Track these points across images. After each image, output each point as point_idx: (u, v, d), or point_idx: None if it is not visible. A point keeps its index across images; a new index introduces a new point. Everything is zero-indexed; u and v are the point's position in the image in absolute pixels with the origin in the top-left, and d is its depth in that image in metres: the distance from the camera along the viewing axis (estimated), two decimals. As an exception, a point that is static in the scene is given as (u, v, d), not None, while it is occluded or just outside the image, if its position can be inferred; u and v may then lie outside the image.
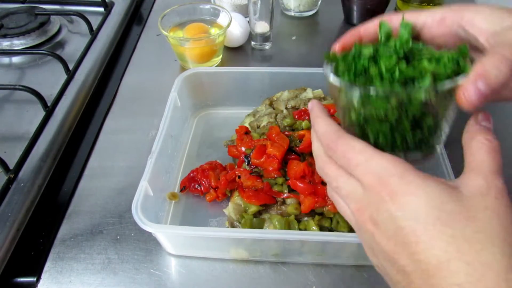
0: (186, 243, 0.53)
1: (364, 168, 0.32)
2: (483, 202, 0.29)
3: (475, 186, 0.31)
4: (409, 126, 0.33)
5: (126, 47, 0.92)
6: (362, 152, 0.33)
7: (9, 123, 0.72)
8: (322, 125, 0.37)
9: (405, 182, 0.31)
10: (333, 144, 0.35)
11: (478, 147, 0.33)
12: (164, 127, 0.60)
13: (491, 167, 0.31)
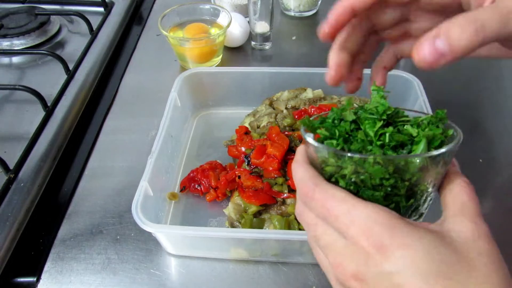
0: (186, 243, 0.53)
1: (346, 218, 0.29)
2: (477, 248, 0.28)
3: (465, 230, 0.29)
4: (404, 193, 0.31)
5: (126, 47, 0.92)
6: (344, 201, 0.30)
7: (9, 123, 0.72)
8: (299, 170, 0.33)
9: (396, 234, 0.28)
10: (311, 191, 0.31)
11: (459, 190, 0.32)
12: (164, 127, 0.60)
13: (476, 210, 0.30)
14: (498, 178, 0.63)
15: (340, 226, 0.29)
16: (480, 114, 0.74)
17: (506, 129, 0.71)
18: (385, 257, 0.27)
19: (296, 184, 0.34)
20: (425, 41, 0.29)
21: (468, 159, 0.65)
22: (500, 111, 0.75)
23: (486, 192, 0.61)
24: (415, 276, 0.26)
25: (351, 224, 0.29)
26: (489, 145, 0.68)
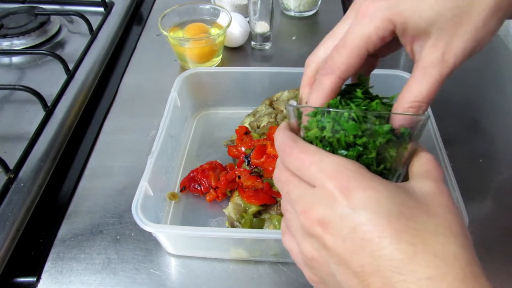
0: (186, 243, 0.53)
1: (317, 167, 0.30)
2: (438, 200, 0.30)
3: (428, 187, 0.31)
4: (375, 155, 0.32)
5: (126, 47, 0.92)
6: (316, 153, 0.31)
7: (9, 123, 0.72)
8: (280, 134, 0.35)
9: (361, 178, 0.29)
10: (289, 148, 0.33)
11: (425, 161, 0.33)
12: (164, 127, 0.60)
13: (440, 176, 0.32)
14: (498, 178, 0.63)
15: (311, 174, 0.31)
16: (480, 114, 0.74)
17: (506, 129, 0.71)
18: (349, 198, 0.28)
19: (277, 146, 0.35)
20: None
21: (468, 159, 0.65)
22: (500, 111, 0.75)
23: (486, 192, 0.61)
24: (377, 214, 0.27)
25: (321, 171, 0.30)
26: (489, 145, 0.68)
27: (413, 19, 0.31)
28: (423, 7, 0.31)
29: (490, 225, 0.57)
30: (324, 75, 0.35)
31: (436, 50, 0.32)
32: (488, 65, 0.85)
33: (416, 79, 0.33)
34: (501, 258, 0.53)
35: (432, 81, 0.32)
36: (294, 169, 0.32)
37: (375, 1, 0.32)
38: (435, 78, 0.32)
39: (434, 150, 0.55)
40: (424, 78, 0.32)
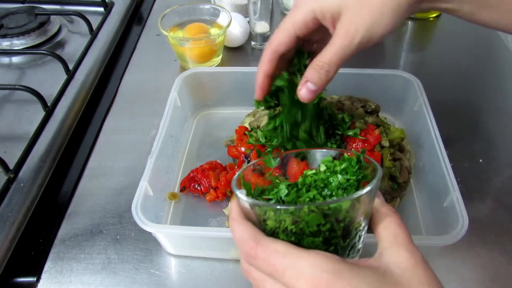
0: (186, 243, 0.53)
1: (293, 272, 0.30)
2: (417, 277, 0.30)
3: (402, 260, 0.31)
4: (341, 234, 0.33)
5: (126, 47, 0.92)
6: (287, 255, 0.30)
7: (9, 123, 0.72)
8: (238, 229, 0.34)
9: (342, 279, 0.29)
10: (253, 251, 0.32)
11: (388, 221, 0.34)
12: (164, 127, 0.60)
13: (407, 238, 0.32)
14: (498, 178, 0.63)
15: (287, 281, 0.30)
16: (480, 114, 0.74)
17: (506, 129, 0.71)
18: None
19: (237, 243, 0.34)
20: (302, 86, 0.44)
21: (468, 159, 0.65)
22: (500, 111, 0.75)
23: (486, 192, 0.61)
24: None
25: (299, 276, 0.29)
26: (489, 145, 0.68)
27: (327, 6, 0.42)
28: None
29: (490, 225, 0.57)
30: (264, 49, 0.47)
31: (342, 26, 0.41)
32: (488, 65, 0.85)
33: (325, 47, 0.42)
34: (501, 258, 0.53)
35: (335, 48, 0.42)
36: (265, 273, 0.32)
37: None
38: (338, 46, 0.42)
39: (434, 150, 0.55)
40: (330, 45, 0.42)
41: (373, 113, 0.62)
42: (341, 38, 0.41)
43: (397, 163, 0.58)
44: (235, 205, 0.35)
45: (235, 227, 0.34)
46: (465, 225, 0.46)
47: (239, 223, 0.34)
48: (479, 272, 0.52)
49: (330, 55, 0.42)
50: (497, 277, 0.52)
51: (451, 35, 0.92)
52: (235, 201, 0.36)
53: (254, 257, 0.32)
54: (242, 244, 0.33)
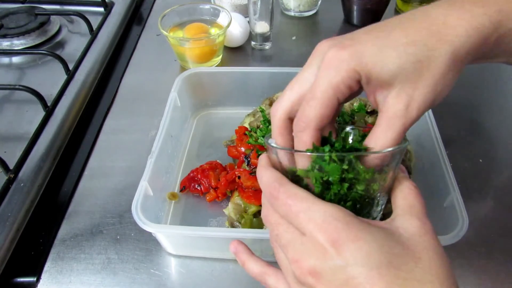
0: (186, 243, 0.53)
1: (306, 215, 0.31)
2: (423, 243, 0.31)
3: (413, 227, 0.32)
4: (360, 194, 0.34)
5: (126, 47, 0.92)
6: (304, 200, 0.32)
7: (9, 123, 0.72)
8: (265, 173, 0.35)
9: (350, 229, 0.30)
10: (275, 191, 0.33)
11: (407, 192, 0.34)
12: (164, 127, 0.60)
13: (422, 210, 0.33)
14: (498, 178, 0.63)
15: (299, 222, 0.31)
16: (480, 114, 0.74)
17: (506, 129, 0.71)
18: (339, 251, 0.29)
19: (262, 186, 0.35)
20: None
21: (468, 159, 0.65)
22: (500, 111, 0.75)
23: (486, 192, 0.61)
24: (368, 267, 0.28)
25: (309, 220, 0.31)
26: (489, 145, 0.68)
27: (376, 71, 0.32)
28: (386, 61, 0.32)
29: (490, 225, 0.57)
30: (301, 131, 0.35)
31: (399, 101, 0.33)
32: (488, 65, 0.85)
33: (381, 128, 0.33)
34: (501, 258, 0.53)
35: (396, 132, 0.33)
36: (282, 214, 0.33)
37: (339, 51, 0.33)
38: (399, 129, 0.33)
39: (434, 150, 0.55)
40: (389, 128, 0.33)
41: (373, 113, 0.62)
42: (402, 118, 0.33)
43: (397, 163, 0.58)
44: (264, 156, 0.37)
45: (263, 172, 0.35)
46: (465, 225, 0.46)
47: (267, 168, 0.35)
48: (479, 272, 0.52)
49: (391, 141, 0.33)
50: (497, 277, 0.52)
51: (451, 35, 0.92)
52: (264, 153, 0.37)
53: (276, 198, 0.33)
54: (267, 186, 0.34)
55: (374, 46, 0.32)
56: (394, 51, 0.32)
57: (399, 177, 0.36)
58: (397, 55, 0.32)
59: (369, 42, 0.33)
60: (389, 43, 0.32)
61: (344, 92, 0.33)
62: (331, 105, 0.33)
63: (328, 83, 0.33)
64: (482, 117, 0.73)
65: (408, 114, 0.33)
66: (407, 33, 0.32)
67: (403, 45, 0.32)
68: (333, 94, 0.33)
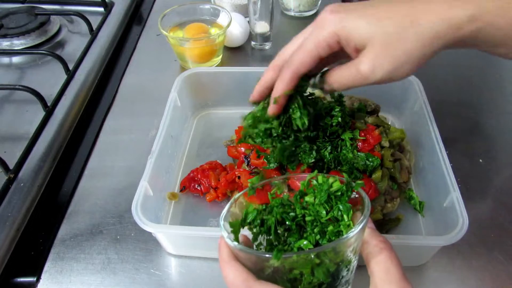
0: (186, 243, 0.53)
1: None
2: None
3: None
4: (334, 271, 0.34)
5: (126, 47, 0.92)
6: None
7: (9, 123, 0.72)
8: (230, 271, 0.35)
9: None
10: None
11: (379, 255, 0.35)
12: (164, 127, 0.60)
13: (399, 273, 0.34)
14: (498, 178, 0.63)
15: None
16: (480, 114, 0.74)
17: (506, 129, 0.71)
18: None
19: (228, 285, 0.35)
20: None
21: (468, 159, 0.65)
22: (500, 111, 0.75)
23: (486, 192, 0.61)
24: None
25: None
26: (489, 145, 0.68)
27: (352, 34, 0.40)
28: (362, 27, 0.39)
29: (490, 225, 0.57)
30: (286, 68, 0.44)
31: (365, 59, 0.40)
32: (488, 65, 0.85)
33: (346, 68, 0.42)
34: (501, 258, 0.53)
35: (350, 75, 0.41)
36: None
37: (329, 15, 0.41)
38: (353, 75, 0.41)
39: (434, 150, 0.55)
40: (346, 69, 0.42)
41: (373, 113, 0.62)
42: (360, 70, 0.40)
43: (397, 163, 0.58)
44: (224, 245, 0.36)
45: (227, 270, 0.35)
46: (465, 225, 0.46)
47: (230, 265, 0.35)
48: (479, 272, 0.52)
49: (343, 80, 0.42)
50: (497, 277, 0.52)
51: (451, 35, 0.92)
52: (223, 242, 0.36)
53: None
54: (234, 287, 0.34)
55: (357, 15, 0.40)
56: (370, 21, 0.39)
57: (366, 237, 0.36)
58: (371, 23, 0.39)
59: (355, 12, 0.40)
60: (370, 15, 0.39)
61: (324, 48, 0.41)
62: (312, 56, 0.42)
63: (313, 39, 0.42)
64: (482, 117, 0.73)
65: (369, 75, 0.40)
66: (389, 10, 0.39)
67: (381, 18, 0.39)
68: (315, 48, 0.42)
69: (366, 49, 0.39)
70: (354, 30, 0.39)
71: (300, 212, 0.39)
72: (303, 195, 0.40)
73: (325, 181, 0.38)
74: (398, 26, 0.38)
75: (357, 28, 0.39)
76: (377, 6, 0.40)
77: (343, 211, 0.36)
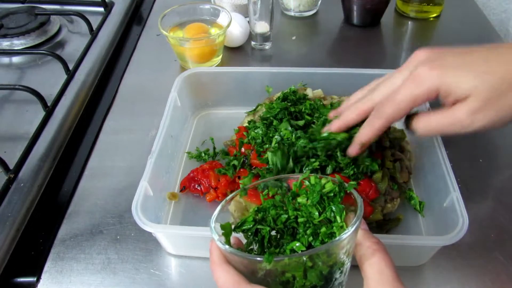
0: (186, 243, 0.53)
1: None
2: None
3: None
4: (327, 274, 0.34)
5: (126, 47, 0.92)
6: None
7: (9, 123, 0.72)
8: (222, 274, 0.35)
9: None
10: None
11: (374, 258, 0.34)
12: (164, 127, 0.60)
13: (393, 275, 0.34)
14: (498, 178, 0.63)
15: None
16: (480, 114, 0.74)
17: (506, 129, 0.71)
18: None
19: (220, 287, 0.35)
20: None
21: (468, 159, 0.65)
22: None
23: (486, 192, 0.61)
24: None
25: None
26: (489, 145, 0.68)
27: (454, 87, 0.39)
28: (464, 80, 0.39)
29: (490, 225, 0.57)
30: (377, 118, 0.45)
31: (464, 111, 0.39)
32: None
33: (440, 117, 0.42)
34: (501, 258, 0.53)
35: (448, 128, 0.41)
36: None
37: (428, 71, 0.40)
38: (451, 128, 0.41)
39: (434, 150, 0.55)
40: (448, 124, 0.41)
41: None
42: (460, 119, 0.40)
43: (397, 163, 0.58)
44: (215, 247, 0.36)
45: (218, 273, 0.35)
46: (465, 225, 0.46)
47: (222, 268, 0.35)
48: (479, 272, 0.52)
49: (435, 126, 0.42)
50: (497, 277, 0.52)
51: (451, 35, 0.92)
52: (214, 245, 0.36)
53: None
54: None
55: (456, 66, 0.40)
56: (471, 75, 0.39)
57: (359, 238, 0.35)
58: (474, 77, 0.38)
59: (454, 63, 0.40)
60: (469, 66, 0.39)
61: (420, 102, 0.41)
62: (406, 109, 0.42)
63: (410, 93, 0.41)
64: (482, 117, 0.73)
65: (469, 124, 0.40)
66: (489, 65, 0.39)
67: (483, 72, 0.38)
68: (411, 102, 0.41)
69: (467, 101, 0.39)
70: (455, 84, 0.39)
71: (292, 213, 0.38)
72: (295, 196, 0.39)
73: (318, 182, 0.38)
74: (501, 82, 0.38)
75: (458, 82, 0.39)
76: (471, 53, 0.40)
77: (336, 212, 0.36)
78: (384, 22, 0.96)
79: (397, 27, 0.96)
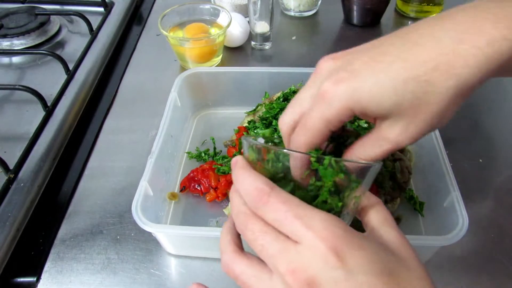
0: (186, 243, 0.53)
1: (303, 222, 0.29)
2: (407, 252, 0.31)
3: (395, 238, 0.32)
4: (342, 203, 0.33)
5: (126, 47, 0.92)
6: (300, 206, 0.29)
7: (9, 123, 0.72)
8: (249, 176, 0.32)
9: (351, 237, 0.29)
10: (265, 195, 0.30)
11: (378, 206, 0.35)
12: (164, 127, 0.60)
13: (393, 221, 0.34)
14: (498, 178, 0.63)
15: (296, 230, 0.29)
16: (480, 114, 0.74)
17: (506, 129, 0.71)
18: (343, 260, 0.28)
19: (243, 190, 0.32)
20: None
21: (468, 159, 0.65)
22: (500, 111, 0.75)
23: (486, 192, 0.61)
24: (371, 275, 0.28)
25: (308, 228, 0.28)
26: (489, 145, 0.68)
27: (371, 107, 0.31)
28: (382, 98, 0.31)
29: (490, 225, 0.57)
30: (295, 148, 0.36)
31: (392, 131, 0.33)
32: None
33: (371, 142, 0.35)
34: (501, 258, 0.53)
35: (382, 152, 0.34)
36: (271, 219, 0.30)
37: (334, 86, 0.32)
38: (386, 150, 0.34)
39: (434, 150, 0.55)
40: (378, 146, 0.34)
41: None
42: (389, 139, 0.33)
43: (397, 163, 0.58)
44: (241, 157, 0.35)
45: (246, 174, 0.32)
46: (465, 225, 0.46)
47: (250, 171, 0.33)
48: (479, 272, 0.52)
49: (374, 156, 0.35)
50: (497, 277, 0.52)
51: (451, 35, 0.92)
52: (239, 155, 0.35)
53: (265, 202, 0.30)
54: (253, 189, 0.31)
55: (371, 80, 0.31)
56: (392, 88, 0.31)
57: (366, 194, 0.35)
58: (394, 92, 0.31)
59: (366, 76, 0.31)
60: (387, 78, 0.31)
61: (335, 124, 0.33)
62: (321, 135, 0.34)
63: (320, 116, 0.33)
64: (482, 117, 0.73)
65: (398, 141, 0.33)
66: (410, 66, 0.30)
67: (403, 81, 0.30)
68: (324, 126, 0.33)
69: (389, 118, 0.33)
70: (372, 105, 0.31)
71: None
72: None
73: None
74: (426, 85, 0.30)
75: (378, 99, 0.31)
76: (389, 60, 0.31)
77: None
78: (384, 22, 0.96)
79: (397, 27, 0.95)
